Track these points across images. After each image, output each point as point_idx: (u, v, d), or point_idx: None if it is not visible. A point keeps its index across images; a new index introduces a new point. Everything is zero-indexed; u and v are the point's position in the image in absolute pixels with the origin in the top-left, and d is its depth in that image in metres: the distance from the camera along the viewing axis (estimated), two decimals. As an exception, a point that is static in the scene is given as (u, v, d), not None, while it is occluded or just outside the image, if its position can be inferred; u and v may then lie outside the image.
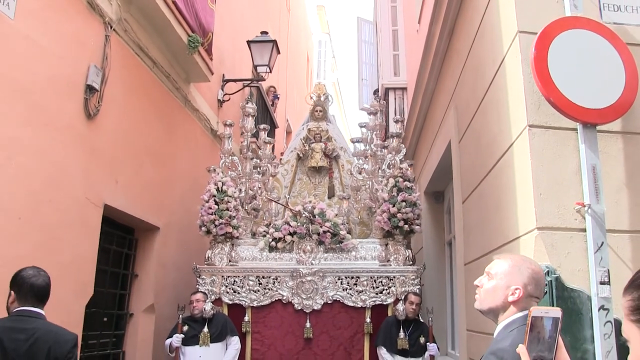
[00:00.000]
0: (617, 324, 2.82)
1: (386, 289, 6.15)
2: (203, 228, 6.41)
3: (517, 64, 3.44)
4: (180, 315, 5.78)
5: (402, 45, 10.45)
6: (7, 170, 4.03)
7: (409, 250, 6.39)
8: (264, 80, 9.56)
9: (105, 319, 5.94)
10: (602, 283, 2.88)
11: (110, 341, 6.04)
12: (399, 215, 6.17)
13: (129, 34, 5.77)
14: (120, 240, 6.25)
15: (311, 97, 8.16)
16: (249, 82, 9.53)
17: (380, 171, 6.95)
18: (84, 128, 5.02)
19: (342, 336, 6.13)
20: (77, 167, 4.92)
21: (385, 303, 6.12)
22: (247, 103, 7.35)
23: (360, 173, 7.14)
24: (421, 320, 5.90)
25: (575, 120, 3.15)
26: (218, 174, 6.66)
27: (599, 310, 2.85)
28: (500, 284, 2.00)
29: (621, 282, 2.79)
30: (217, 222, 6.33)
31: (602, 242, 2.96)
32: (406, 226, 6.20)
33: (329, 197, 7.55)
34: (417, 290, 6.08)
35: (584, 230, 3.04)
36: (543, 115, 3.28)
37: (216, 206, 6.35)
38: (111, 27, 5.38)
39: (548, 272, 2.98)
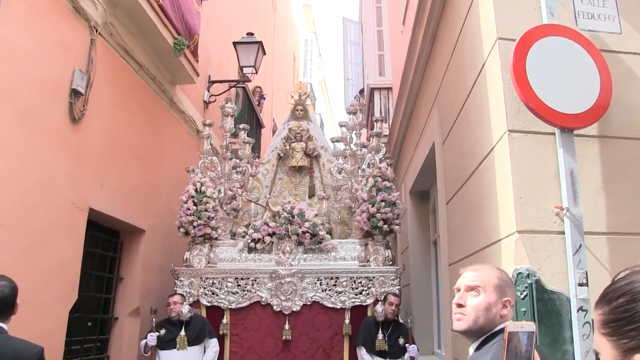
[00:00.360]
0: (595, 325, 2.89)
1: (365, 290, 6.13)
2: (181, 229, 6.40)
3: (497, 70, 3.50)
4: (154, 318, 5.72)
5: (387, 46, 10.51)
6: (-8, 176, 4.03)
7: (389, 251, 6.38)
8: (249, 81, 9.59)
9: (89, 324, 5.91)
10: (580, 285, 2.95)
11: (94, 346, 6.01)
12: (378, 215, 6.17)
13: (114, 38, 5.78)
14: (106, 244, 6.24)
15: (292, 96, 8.17)
16: (235, 83, 9.54)
17: (360, 171, 6.97)
18: (69, 132, 5.03)
19: (321, 338, 6.09)
20: (62, 172, 4.92)
21: (364, 304, 6.10)
22: (226, 103, 7.34)
23: (340, 173, 7.14)
24: (400, 321, 5.90)
25: (553, 125, 3.23)
26: (197, 174, 6.64)
27: (577, 311, 2.92)
28: (492, 298, 1.87)
29: (599, 284, 2.88)
30: (195, 223, 6.32)
31: (580, 245, 3.04)
32: (385, 226, 6.21)
33: (310, 197, 7.55)
34: (397, 291, 6.06)
35: (563, 233, 3.12)
36: (522, 120, 3.35)
37: (195, 207, 6.34)
38: (96, 31, 5.39)
39: (528, 274, 3.05)
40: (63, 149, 4.94)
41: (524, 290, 3.04)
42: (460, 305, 1.93)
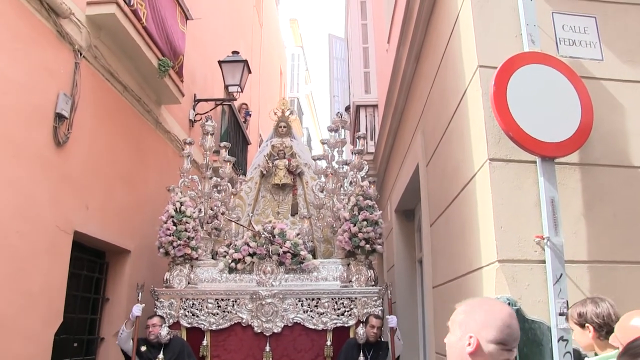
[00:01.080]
0: (576, 355, 2.91)
1: (348, 311, 6.05)
2: (161, 249, 6.30)
3: (478, 98, 3.53)
4: (140, 293, 5.79)
5: (373, 63, 10.55)
6: (-26, 204, 4.01)
7: (371, 271, 6.29)
8: (235, 100, 9.60)
9: (75, 345, 5.89)
10: (561, 314, 2.97)
11: (80, 368, 5.99)
12: (360, 234, 6.06)
13: (99, 60, 5.77)
14: (91, 265, 6.22)
15: (275, 113, 8.08)
16: (221, 101, 9.54)
17: (342, 189, 6.88)
18: (54, 156, 5.02)
19: (302, 359, 6.00)
20: (46, 196, 4.91)
21: (346, 325, 6.01)
22: (206, 121, 7.27)
23: (321, 191, 7.03)
24: (382, 340, 5.78)
25: (534, 154, 3.26)
26: (177, 193, 6.55)
27: (558, 341, 2.94)
28: (457, 335, 1.73)
29: (579, 312, 2.89)
30: (175, 244, 6.22)
31: (561, 274, 3.06)
32: (368, 246, 6.10)
33: (292, 215, 7.47)
34: (379, 312, 5.94)
35: (544, 262, 3.14)
36: (503, 148, 3.38)
37: (174, 227, 6.24)
38: (81, 54, 5.39)
39: (509, 303, 3.06)
40: (47, 173, 4.93)
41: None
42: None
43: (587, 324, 2.51)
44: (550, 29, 3.70)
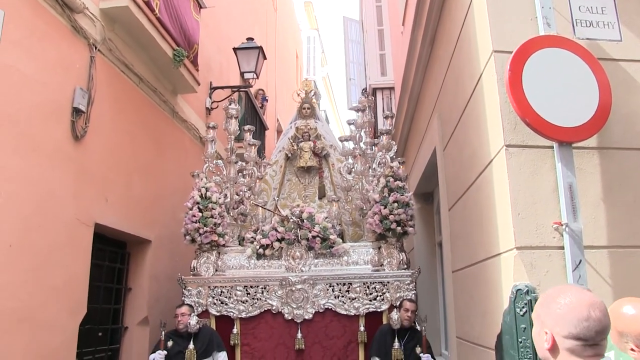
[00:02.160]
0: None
1: (380, 295, 5.87)
2: (187, 237, 6.18)
3: (494, 83, 3.49)
4: (163, 332, 5.59)
5: (388, 45, 10.48)
6: (-4, 200, 4.08)
7: (403, 253, 6.08)
8: (251, 86, 9.59)
9: (100, 334, 6.01)
10: (580, 301, 2.94)
11: (105, 355, 6.11)
12: (390, 217, 5.87)
13: (113, 53, 5.80)
14: (113, 256, 6.31)
15: (298, 94, 7.91)
16: (237, 88, 9.54)
17: (370, 170, 6.70)
18: (72, 150, 5.07)
19: (335, 346, 5.84)
20: (66, 190, 4.98)
21: (379, 310, 5.85)
22: (230, 104, 7.11)
23: (349, 173, 6.85)
24: (417, 328, 5.54)
25: (551, 139, 3.22)
26: (202, 179, 6.42)
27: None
28: (536, 329, 1.67)
29: (600, 298, 2.87)
30: (201, 231, 6.08)
31: (580, 260, 3.03)
32: (399, 228, 5.90)
33: (320, 198, 7.32)
34: (412, 296, 5.76)
35: (563, 248, 3.11)
36: (520, 134, 3.34)
37: (200, 214, 6.11)
38: (96, 48, 5.42)
39: (528, 290, 3.05)
40: (66, 168, 4.99)
41: (523, 307, 3.05)
42: None
43: None
44: (566, 10, 3.61)
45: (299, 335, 5.88)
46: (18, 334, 4.31)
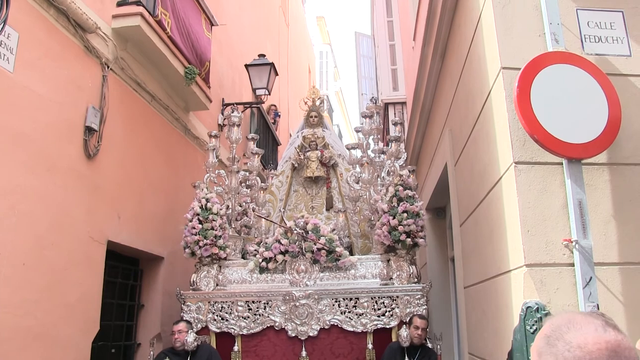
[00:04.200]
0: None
1: (389, 311, 5.54)
2: (187, 250, 5.94)
3: (502, 100, 3.49)
4: (152, 352, 5.40)
5: (400, 60, 10.50)
6: (10, 219, 4.15)
7: (414, 267, 5.76)
8: (263, 103, 9.65)
9: (113, 351, 6.03)
10: (591, 318, 2.91)
11: (119, 372, 6.14)
12: (400, 227, 5.57)
13: (125, 72, 5.88)
14: (126, 272, 6.35)
15: (305, 102, 7.71)
16: (249, 105, 9.60)
17: (379, 179, 6.44)
18: (85, 169, 5.14)
19: None
20: (79, 208, 5.04)
21: (388, 327, 5.52)
22: (232, 112, 6.90)
23: (357, 182, 6.52)
24: (429, 345, 5.25)
25: (560, 156, 3.21)
26: (202, 190, 6.20)
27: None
28: None
29: (611, 316, 2.84)
30: (201, 243, 5.84)
31: (591, 277, 3.01)
32: (409, 239, 5.59)
33: (327, 210, 7.06)
34: (424, 312, 5.46)
35: (573, 265, 3.09)
36: (529, 151, 3.33)
37: (200, 225, 5.87)
38: (108, 67, 5.50)
39: (538, 308, 3.03)
40: (79, 186, 5.05)
41: (533, 325, 3.02)
42: None
43: None
44: (574, 26, 3.62)
45: (304, 353, 5.58)
46: (33, 351, 4.36)
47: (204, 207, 6.02)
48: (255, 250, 6.14)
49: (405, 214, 5.63)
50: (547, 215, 3.22)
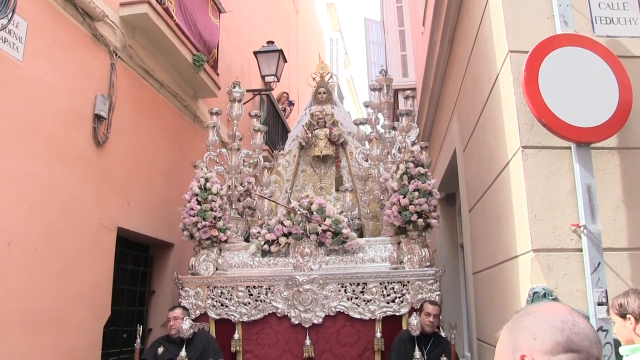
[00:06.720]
0: (617, 345, 2.84)
1: (399, 297, 5.14)
2: (185, 232, 5.60)
3: (510, 84, 3.46)
4: (138, 339, 4.96)
5: (410, 46, 10.43)
6: (21, 207, 4.19)
7: (426, 249, 5.31)
8: (272, 89, 9.62)
9: (124, 335, 6.10)
10: (599, 304, 2.90)
11: (130, 356, 6.18)
12: (411, 207, 5.12)
13: (134, 59, 5.88)
14: (136, 259, 6.41)
15: (313, 78, 7.31)
16: (258, 92, 9.58)
17: (389, 156, 5.98)
18: (94, 156, 5.17)
19: (348, 354, 5.15)
20: (89, 195, 5.07)
21: (398, 314, 5.11)
22: (233, 87, 6.47)
23: (366, 160, 6.12)
24: (442, 334, 4.87)
25: (569, 140, 3.18)
26: (202, 169, 5.86)
27: (597, 331, 2.87)
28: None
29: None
30: (199, 225, 5.47)
31: (599, 263, 2.99)
32: (420, 220, 5.17)
33: (337, 190, 6.63)
34: (436, 298, 5.03)
35: (581, 250, 3.07)
36: (536, 135, 3.30)
37: (199, 206, 5.52)
38: (116, 55, 5.50)
39: (545, 293, 3.02)
40: (89, 173, 5.08)
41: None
42: None
43: (628, 315, 2.43)
44: (584, 7, 3.54)
45: (308, 341, 5.19)
46: (46, 335, 4.42)
47: (202, 187, 5.68)
48: (258, 232, 5.78)
49: (416, 193, 5.18)
50: (555, 200, 3.20)
